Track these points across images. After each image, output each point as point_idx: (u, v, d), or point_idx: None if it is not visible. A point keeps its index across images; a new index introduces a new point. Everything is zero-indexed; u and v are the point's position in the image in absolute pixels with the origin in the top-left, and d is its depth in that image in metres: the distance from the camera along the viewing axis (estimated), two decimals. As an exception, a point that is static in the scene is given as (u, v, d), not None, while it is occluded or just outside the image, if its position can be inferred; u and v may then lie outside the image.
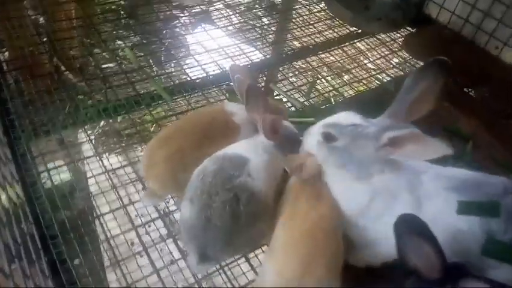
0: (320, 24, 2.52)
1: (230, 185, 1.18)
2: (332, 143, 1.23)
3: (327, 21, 2.54)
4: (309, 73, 2.25)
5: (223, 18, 2.55)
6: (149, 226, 1.53)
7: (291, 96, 2.02)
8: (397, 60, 2.43)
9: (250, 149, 1.29)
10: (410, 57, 2.40)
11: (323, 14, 2.63)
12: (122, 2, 2.59)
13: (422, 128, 1.12)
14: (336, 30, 2.48)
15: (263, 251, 1.40)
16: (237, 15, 2.65)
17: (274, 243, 1.15)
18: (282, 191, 1.30)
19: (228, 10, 2.69)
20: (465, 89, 2.21)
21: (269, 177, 1.27)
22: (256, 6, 2.80)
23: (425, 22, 2.55)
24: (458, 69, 2.24)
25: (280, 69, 2.29)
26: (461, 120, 1.95)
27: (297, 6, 2.69)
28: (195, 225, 1.20)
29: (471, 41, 2.41)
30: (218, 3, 2.69)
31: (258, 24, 2.63)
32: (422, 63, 2.29)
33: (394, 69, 2.33)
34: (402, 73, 2.30)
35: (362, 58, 2.41)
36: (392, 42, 2.50)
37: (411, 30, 2.56)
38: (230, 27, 2.53)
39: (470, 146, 1.80)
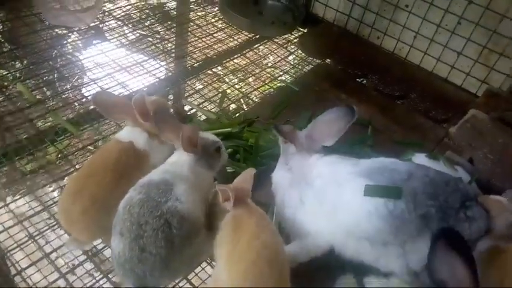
0: (220, 33, 2.57)
1: (159, 212, 1.18)
2: None
3: (226, 30, 2.60)
4: (218, 83, 2.29)
5: (117, 35, 2.46)
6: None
7: (204, 108, 2.04)
8: (296, 61, 2.58)
9: (175, 172, 1.29)
10: (306, 56, 2.56)
11: (220, 23, 2.68)
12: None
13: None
14: (235, 37, 2.55)
15: (203, 269, 1.42)
16: (134, 32, 2.58)
17: (221, 276, 1.14)
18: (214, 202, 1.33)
19: (124, 28, 2.60)
20: (357, 80, 2.42)
21: (198, 196, 1.29)
22: (150, 18, 2.75)
23: (314, 21, 2.75)
24: (348, 61, 2.49)
25: (188, 82, 2.29)
26: (358, 108, 2.14)
27: (193, 18, 2.70)
28: (129, 258, 1.17)
29: (356, 35, 2.67)
30: (111, 19, 2.59)
31: (157, 37, 2.58)
32: (317, 60, 2.50)
33: (294, 68, 2.48)
34: (303, 71, 2.44)
35: (264, 61, 2.52)
36: (288, 43, 2.65)
37: (303, 30, 2.74)
38: (128, 45, 2.46)
39: (370, 131, 2.00)
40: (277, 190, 1.46)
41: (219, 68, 2.37)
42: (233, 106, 2.13)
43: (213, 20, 2.72)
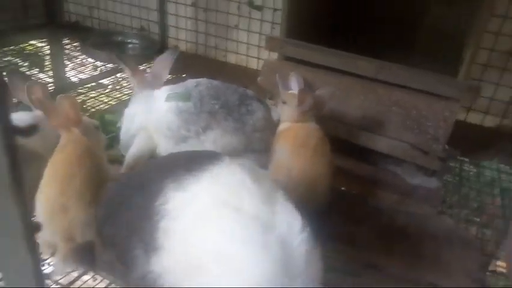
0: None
1: None
2: None
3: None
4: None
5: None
6: None
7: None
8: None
9: (17, 115, 1.55)
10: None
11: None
12: None
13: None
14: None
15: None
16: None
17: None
18: None
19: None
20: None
21: (36, 135, 1.51)
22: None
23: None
24: (196, 73, 2.96)
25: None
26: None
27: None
28: None
29: (205, 57, 3.21)
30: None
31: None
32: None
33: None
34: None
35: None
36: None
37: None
38: None
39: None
40: (126, 119, 1.78)
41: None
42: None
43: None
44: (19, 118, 1.55)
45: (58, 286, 1.30)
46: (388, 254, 1.52)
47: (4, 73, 1.70)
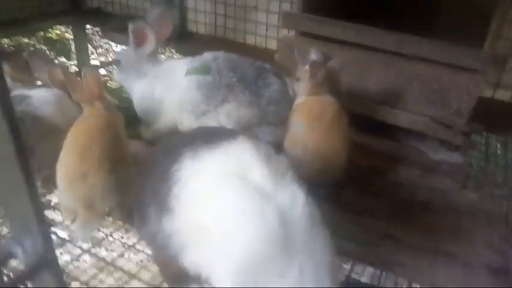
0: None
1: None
2: None
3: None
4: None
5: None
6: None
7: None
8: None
9: (37, 91, 1.63)
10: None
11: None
12: None
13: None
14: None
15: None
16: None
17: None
18: None
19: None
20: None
21: (56, 109, 1.58)
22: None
23: (188, 36, 3.28)
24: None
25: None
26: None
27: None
28: None
29: (224, 39, 3.21)
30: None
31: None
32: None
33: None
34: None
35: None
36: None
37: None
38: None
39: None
40: (138, 93, 1.80)
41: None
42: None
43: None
44: (38, 93, 1.61)
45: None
46: (407, 226, 1.50)
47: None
